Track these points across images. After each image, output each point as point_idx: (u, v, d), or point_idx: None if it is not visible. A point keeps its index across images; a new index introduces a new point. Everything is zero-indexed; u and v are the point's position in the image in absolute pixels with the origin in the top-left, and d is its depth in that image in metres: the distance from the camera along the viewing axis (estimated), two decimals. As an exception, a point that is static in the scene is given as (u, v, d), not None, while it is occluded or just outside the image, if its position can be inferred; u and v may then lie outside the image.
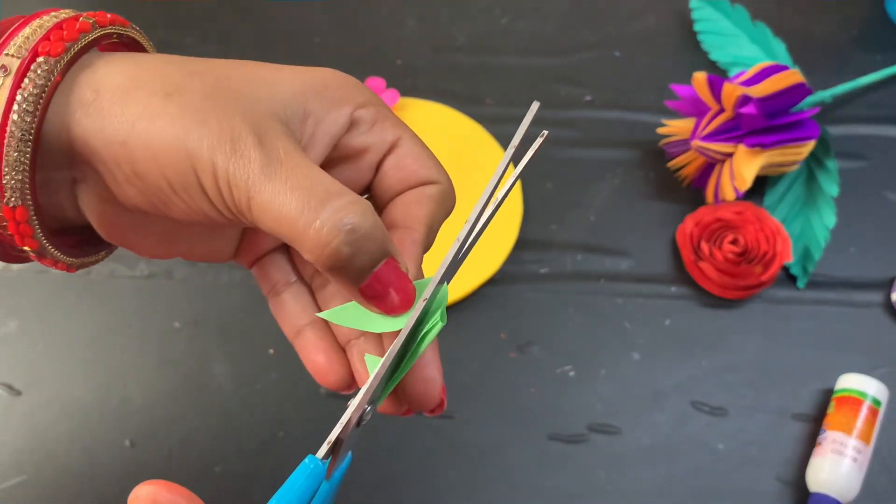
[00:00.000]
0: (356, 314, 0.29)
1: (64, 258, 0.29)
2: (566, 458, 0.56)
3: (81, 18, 0.27)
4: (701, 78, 0.61)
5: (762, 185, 0.65)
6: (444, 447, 0.57)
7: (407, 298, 0.27)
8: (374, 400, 0.28)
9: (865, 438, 0.54)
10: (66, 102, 0.26)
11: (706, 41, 0.73)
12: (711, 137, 0.62)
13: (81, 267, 0.30)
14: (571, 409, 0.58)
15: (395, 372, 0.28)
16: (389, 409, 0.30)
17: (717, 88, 0.61)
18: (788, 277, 0.63)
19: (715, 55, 0.72)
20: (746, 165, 0.61)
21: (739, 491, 0.55)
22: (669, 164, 0.66)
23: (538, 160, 0.67)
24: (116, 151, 0.26)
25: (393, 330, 0.28)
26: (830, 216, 0.64)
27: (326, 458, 0.26)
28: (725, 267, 0.60)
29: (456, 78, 0.72)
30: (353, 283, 0.27)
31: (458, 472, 0.56)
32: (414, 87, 0.70)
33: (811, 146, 0.62)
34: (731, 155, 0.62)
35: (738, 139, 0.61)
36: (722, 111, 0.62)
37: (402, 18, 0.75)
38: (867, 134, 0.69)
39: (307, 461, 0.26)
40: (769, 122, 0.60)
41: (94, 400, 0.58)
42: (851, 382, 0.56)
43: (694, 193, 0.66)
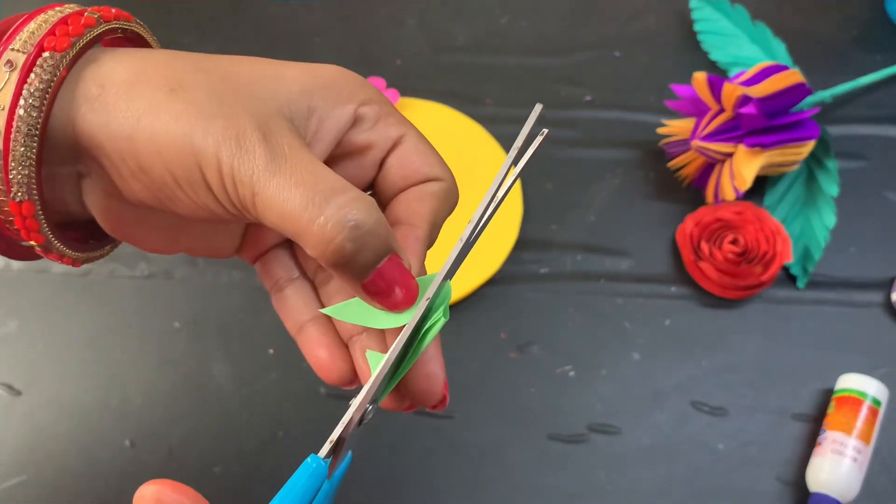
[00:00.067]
0: (359, 310, 0.29)
1: (69, 252, 0.29)
2: (566, 458, 0.56)
3: (86, 13, 0.27)
4: (701, 78, 0.61)
5: (762, 185, 0.65)
6: (444, 447, 0.57)
7: (410, 295, 0.28)
8: (375, 399, 0.28)
9: (865, 438, 0.54)
10: (71, 97, 0.26)
11: (706, 41, 0.73)
12: (711, 137, 0.62)
13: (86, 261, 0.30)
14: (571, 409, 0.58)
15: (397, 369, 0.28)
16: (391, 404, 0.30)
17: (717, 88, 0.61)
18: (788, 277, 0.63)
19: (715, 55, 0.72)
20: (746, 165, 0.61)
21: (739, 491, 0.55)
22: (669, 164, 0.66)
23: (538, 160, 0.66)
24: (121, 146, 0.26)
25: (396, 326, 0.28)
26: (830, 216, 0.64)
27: (328, 457, 0.26)
28: (725, 267, 0.60)
29: (456, 78, 0.72)
30: (356, 279, 0.27)
31: (458, 472, 0.56)
32: (414, 87, 0.70)
33: (811, 146, 0.62)
34: (731, 155, 0.62)
35: (738, 139, 0.61)
36: (722, 111, 0.62)
37: (402, 18, 0.75)
38: (867, 134, 0.69)
39: (309, 460, 0.26)
40: (769, 122, 0.60)
41: (94, 400, 0.58)
42: (851, 382, 0.56)
43: (694, 193, 0.66)
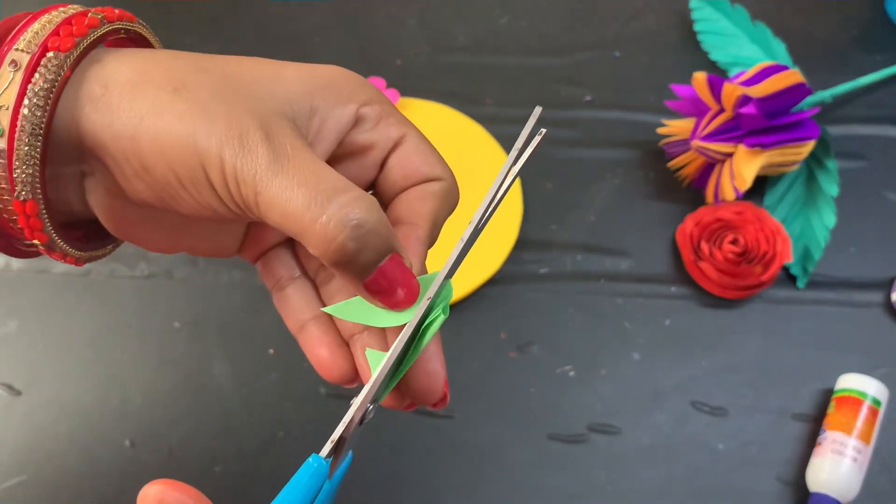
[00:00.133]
0: (360, 309, 0.29)
1: (72, 252, 0.29)
2: (566, 458, 0.56)
3: (90, 14, 0.27)
4: (701, 78, 0.61)
5: (762, 185, 0.65)
6: (444, 447, 0.57)
7: (411, 294, 0.28)
8: (376, 398, 0.28)
9: (865, 438, 0.54)
10: (75, 97, 0.26)
11: (706, 41, 0.73)
12: (711, 137, 0.62)
13: (89, 260, 0.31)
14: (571, 409, 0.58)
15: (398, 368, 0.28)
16: (392, 402, 0.30)
17: (717, 88, 0.61)
18: (788, 277, 0.63)
19: (715, 55, 0.72)
20: (746, 165, 0.61)
21: (739, 491, 0.55)
22: (669, 164, 0.66)
23: (538, 160, 0.66)
24: (125, 146, 0.26)
25: (397, 325, 0.28)
26: (830, 216, 0.64)
27: (329, 456, 0.27)
28: (725, 267, 0.60)
29: (456, 78, 0.72)
30: (358, 277, 0.27)
31: (458, 472, 0.56)
32: (414, 87, 0.70)
33: (811, 146, 0.62)
34: (731, 155, 0.62)
35: (738, 139, 0.61)
36: (722, 111, 0.62)
37: (402, 18, 0.75)
38: (867, 134, 0.69)
39: (311, 460, 0.26)
40: (769, 122, 0.60)
41: (94, 400, 0.58)
42: (851, 382, 0.56)
43: (694, 193, 0.66)
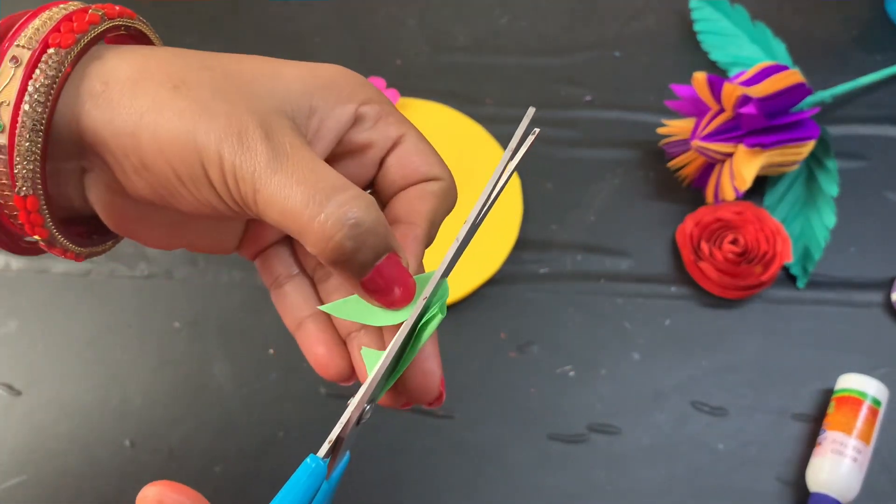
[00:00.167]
0: (357, 307, 0.29)
1: (72, 247, 0.29)
2: (566, 458, 0.56)
3: (90, 10, 0.28)
4: (701, 78, 0.61)
5: (762, 185, 0.65)
6: (444, 447, 0.57)
7: (407, 293, 0.28)
8: (373, 398, 0.28)
9: (865, 438, 0.54)
10: (76, 93, 0.26)
11: (706, 41, 0.73)
12: (711, 137, 0.62)
13: (89, 256, 0.31)
14: (571, 409, 0.58)
15: (395, 367, 0.28)
16: (388, 401, 0.30)
17: (717, 88, 0.61)
18: (788, 277, 0.63)
19: (715, 55, 0.72)
20: (746, 165, 0.61)
21: (739, 491, 0.55)
22: (669, 164, 0.66)
23: (539, 160, 0.67)
24: (125, 142, 0.26)
25: (393, 323, 0.28)
26: (830, 216, 0.64)
27: (327, 457, 0.27)
28: (725, 267, 0.60)
29: (456, 78, 0.72)
30: (355, 276, 0.27)
31: (458, 472, 0.56)
32: (414, 87, 0.70)
33: (811, 146, 0.62)
34: (731, 155, 0.62)
35: (738, 139, 0.61)
36: (722, 111, 0.62)
37: (402, 18, 0.75)
38: (867, 134, 0.69)
39: (308, 461, 0.26)
40: (769, 122, 0.60)
41: (94, 400, 0.58)
42: (851, 382, 0.56)
43: (694, 193, 0.66)
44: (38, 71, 0.26)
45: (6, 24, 0.27)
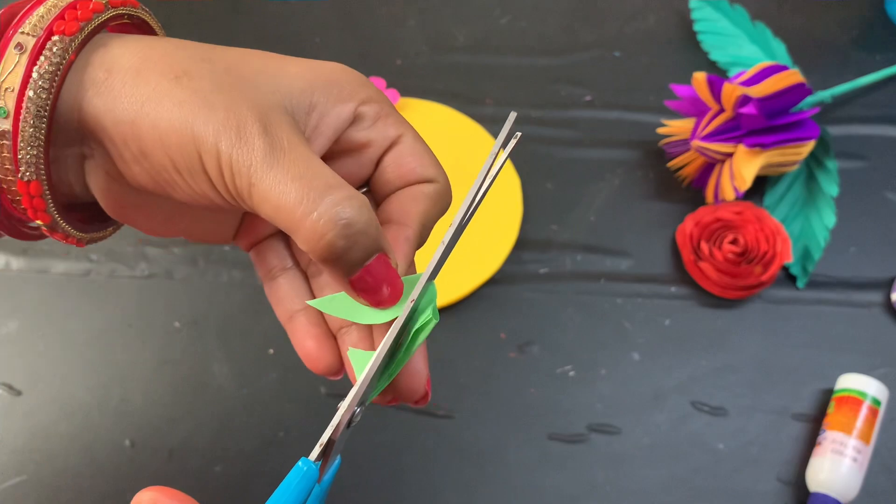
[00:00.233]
0: (346, 304, 0.29)
1: (74, 232, 0.30)
2: (566, 458, 0.56)
3: None
4: (701, 78, 0.61)
5: (762, 185, 0.65)
6: (444, 447, 0.57)
7: (395, 293, 0.28)
8: (363, 401, 0.28)
9: (865, 438, 0.54)
10: (79, 81, 0.27)
11: (706, 41, 0.73)
12: (711, 137, 0.62)
13: (90, 242, 0.31)
14: (571, 409, 0.58)
15: (386, 368, 0.29)
16: (376, 398, 0.30)
17: (717, 88, 0.61)
18: (788, 277, 0.63)
19: (715, 55, 0.72)
20: (746, 165, 0.61)
21: (740, 491, 0.55)
22: (669, 164, 0.66)
23: (538, 160, 0.66)
24: (125, 131, 0.27)
25: (380, 322, 0.29)
26: (830, 216, 0.64)
27: (318, 460, 0.27)
28: (725, 267, 0.60)
29: (456, 78, 0.72)
30: (344, 274, 0.27)
31: (458, 472, 0.56)
32: (414, 87, 0.70)
33: (811, 146, 0.62)
34: (731, 155, 0.62)
35: (738, 139, 0.61)
36: (722, 111, 0.62)
37: (402, 18, 0.75)
38: (867, 134, 0.69)
39: (300, 464, 0.26)
40: (769, 122, 0.60)
41: (94, 400, 0.58)
42: (851, 382, 0.56)
43: (694, 193, 0.66)
44: (42, 58, 0.26)
45: (11, 11, 0.27)
